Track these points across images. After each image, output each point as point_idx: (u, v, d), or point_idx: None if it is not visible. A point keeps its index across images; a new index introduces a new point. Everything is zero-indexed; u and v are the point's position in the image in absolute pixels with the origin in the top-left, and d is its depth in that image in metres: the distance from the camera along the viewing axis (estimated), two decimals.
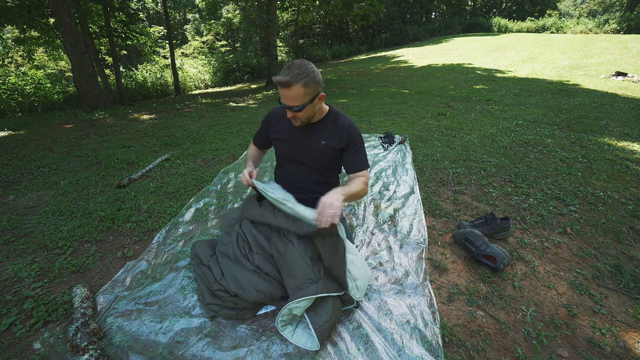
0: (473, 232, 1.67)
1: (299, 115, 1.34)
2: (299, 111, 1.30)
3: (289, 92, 1.25)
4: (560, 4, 36.31)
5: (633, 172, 2.53)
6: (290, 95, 1.25)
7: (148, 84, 12.94)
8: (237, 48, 23.25)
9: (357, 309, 1.32)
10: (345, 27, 22.60)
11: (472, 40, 17.53)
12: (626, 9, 20.02)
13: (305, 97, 1.27)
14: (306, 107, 1.29)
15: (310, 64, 1.28)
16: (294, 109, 1.29)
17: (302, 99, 1.27)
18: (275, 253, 1.34)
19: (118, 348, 1.16)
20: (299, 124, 1.40)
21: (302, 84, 1.23)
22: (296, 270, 1.25)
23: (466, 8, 31.47)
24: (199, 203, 2.20)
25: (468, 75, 8.24)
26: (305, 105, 1.29)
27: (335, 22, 13.74)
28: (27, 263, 1.64)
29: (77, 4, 7.97)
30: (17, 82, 10.20)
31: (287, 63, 1.26)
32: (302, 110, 1.30)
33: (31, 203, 2.29)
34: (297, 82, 1.23)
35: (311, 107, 1.33)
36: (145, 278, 1.52)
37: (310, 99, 1.29)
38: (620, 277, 1.49)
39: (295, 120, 1.38)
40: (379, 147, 3.27)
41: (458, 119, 4.26)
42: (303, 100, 1.28)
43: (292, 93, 1.25)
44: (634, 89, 5.73)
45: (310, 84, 1.26)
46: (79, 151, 3.42)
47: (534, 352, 1.15)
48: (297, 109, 1.29)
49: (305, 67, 1.25)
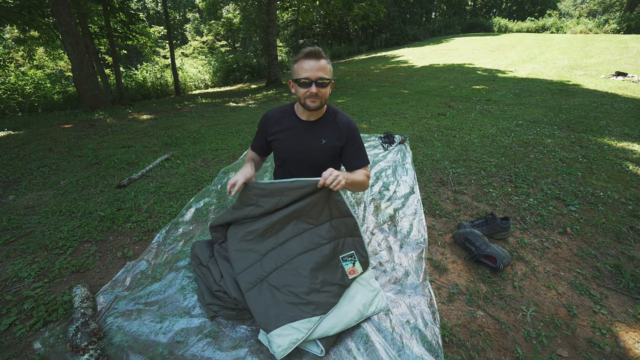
0: (473, 232, 1.67)
1: (323, 93, 1.34)
2: (327, 85, 1.33)
3: (319, 63, 1.29)
4: (560, 4, 36.32)
5: (633, 172, 2.53)
6: (320, 66, 1.29)
7: (148, 84, 12.96)
8: (237, 48, 23.26)
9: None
10: (345, 27, 22.61)
11: (472, 40, 17.53)
12: (626, 9, 20.04)
13: (330, 73, 1.33)
14: (330, 83, 1.35)
15: None
16: (324, 80, 1.31)
17: (329, 74, 1.33)
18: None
19: (118, 348, 1.16)
20: (318, 104, 1.36)
21: (327, 61, 1.32)
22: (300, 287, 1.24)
23: (466, 8, 31.49)
24: (199, 203, 2.20)
25: (468, 75, 8.24)
26: (331, 80, 1.34)
27: (335, 22, 13.75)
28: (27, 263, 1.64)
29: (77, 4, 7.97)
30: (17, 82, 10.20)
31: (289, 59, 1.31)
32: (328, 85, 1.34)
33: (31, 203, 2.29)
34: (324, 57, 1.31)
35: (330, 87, 1.38)
36: (145, 278, 1.52)
37: (330, 80, 1.35)
38: (620, 277, 1.49)
39: (314, 101, 1.34)
40: (379, 147, 3.26)
41: (458, 119, 4.26)
42: (330, 75, 1.33)
43: (322, 64, 1.29)
44: (634, 89, 5.73)
45: (330, 64, 1.34)
46: (79, 151, 3.42)
47: (534, 352, 1.15)
48: (327, 81, 1.32)
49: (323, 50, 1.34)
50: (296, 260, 1.30)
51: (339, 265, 1.34)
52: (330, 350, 1.16)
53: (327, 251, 1.33)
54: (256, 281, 1.26)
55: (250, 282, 1.26)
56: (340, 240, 1.38)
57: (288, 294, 1.21)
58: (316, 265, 1.28)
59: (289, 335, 1.10)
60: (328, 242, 1.35)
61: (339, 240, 1.38)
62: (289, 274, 1.27)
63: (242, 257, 1.33)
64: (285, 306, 1.18)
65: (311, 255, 1.31)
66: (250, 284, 1.25)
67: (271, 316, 1.15)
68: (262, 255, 1.34)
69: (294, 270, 1.27)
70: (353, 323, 1.22)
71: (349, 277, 1.34)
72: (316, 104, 1.35)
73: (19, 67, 13.22)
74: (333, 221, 1.38)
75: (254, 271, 1.29)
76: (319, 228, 1.37)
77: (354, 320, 1.23)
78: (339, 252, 1.36)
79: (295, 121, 1.49)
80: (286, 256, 1.32)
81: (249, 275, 1.28)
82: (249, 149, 1.70)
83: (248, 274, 1.29)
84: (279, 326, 1.13)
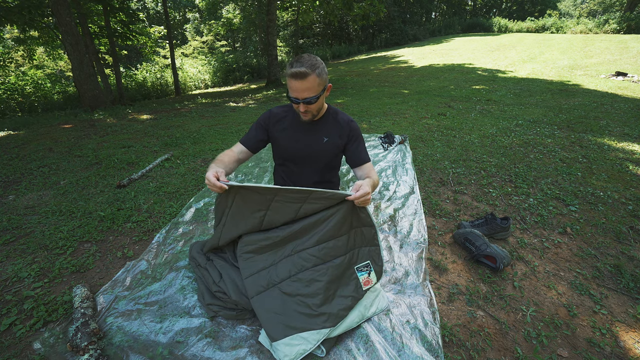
0: (473, 232, 1.67)
1: (312, 108, 1.34)
2: (314, 102, 1.31)
3: (305, 84, 1.26)
4: (560, 4, 36.32)
5: (633, 172, 2.53)
6: (306, 86, 1.26)
7: (148, 84, 12.96)
8: (237, 48, 23.26)
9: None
10: (345, 27, 22.60)
11: (472, 40, 17.53)
12: (626, 9, 20.04)
13: (319, 87, 1.30)
14: (320, 97, 1.32)
15: (317, 56, 1.31)
16: (310, 100, 1.29)
17: (317, 89, 1.29)
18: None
19: (118, 348, 1.16)
20: (309, 117, 1.39)
21: (316, 74, 1.26)
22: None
23: (466, 8, 31.50)
24: (199, 203, 2.20)
25: (468, 75, 8.24)
26: (319, 95, 1.31)
27: (335, 22, 13.75)
28: (27, 263, 1.64)
29: (77, 4, 7.97)
30: (17, 82, 10.20)
31: (289, 60, 1.26)
32: (317, 101, 1.32)
33: (31, 203, 2.29)
34: (313, 73, 1.25)
35: (322, 98, 1.35)
36: (145, 278, 1.52)
37: (323, 89, 1.32)
38: (620, 277, 1.49)
39: (305, 115, 1.37)
40: (379, 147, 3.26)
41: (458, 119, 4.26)
42: (318, 91, 1.30)
43: (309, 84, 1.26)
44: (634, 89, 5.73)
45: (322, 75, 1.29)
46: (79, 151, 3.42)
47: (534, 352, 1.15)
48: (314, 99, 1.30)
49: (315, 58, 1.28)
50: (312, 271, 1.24)
51: (354, 276, 1.28)
52: (330, 350, 1.16)
53: (344, 262, 1.28)
54: (268, 285, 1.23)
55: (262, 286, 1.22)
56: (355, 250, 1.33)
57: (300, 304, 1.18)
58: (332, 278, 1.23)
59: (297, 345, 1.09)
60: (344, 253, 1.30)
61: (354, 250, 1.33)
62: (303, 284, 1.22)
63: (254, 260, 1.29)
64: (296, 315, 1.15)
65: (328, 267, 1.25)
66: (261, 287, 1.22)
67: (280, 324, 1.13)
68: (276, 261, 1.29)
69: (309, 280, 1.22)
70: (354, 324, 1.22)
71: (363, 289, 1.28)
72: (308, 117, 1.39)
73: (19, 67, 13.21)
74: (351, 232, 1.32)
75: (266, 275, 1.25)
76: (338, 240, 1.29)
77: (355, 322, 1.22)
78: (354, 263, 1.31)
79: (296, 121, 1.49)
80: (301, 266, 1.25)
81: (260, 279, 1.24)
82: (235, 146, 1.52)
83: (260, 277, 1.25)
84: (288, 335, 1.10)
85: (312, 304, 1.18)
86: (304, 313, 1.16)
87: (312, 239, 1.28)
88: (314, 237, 1.27)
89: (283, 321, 1.14)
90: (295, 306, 1.18)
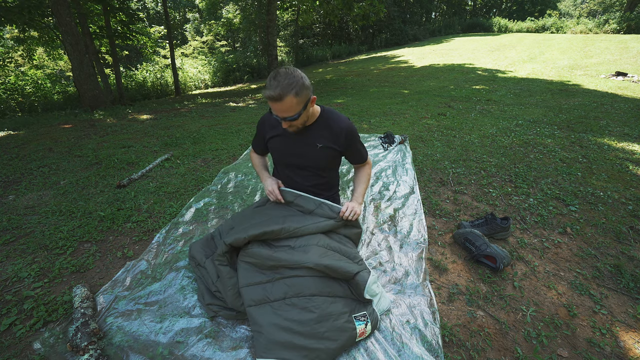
0: (473, 232, 1.67)
1: (295, 123, 1.33)
2: (295, 120, 1.28)
3: (282, 106, 1.21)
4: (560, 4, 36.30)
5: (633, 172, 2.53)
6: (283, 108, 1.22)
7: (148, 84, 12.96)
8: (237, 48, 23.26)
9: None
10: (345, 27, 22.60)
11: (472, 40, 17.53)
12: (626, 9, 20.04)
13: (298, 105, 1.24)
14: (301, 114, 1.28)
15: (296, 70, 1.22)
16: (289, 119, 1.28)
17: (296, 108, 1.24)
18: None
19: (118, 348, 1.16)
20: (295, 130, 1.40)
21: (293, 94, 1.19)
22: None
23: (466, 8, 31.50)
24: (199, 203, 2.20)
25: (468, 75, 8.24)
26: (300, 114, 1.27)
27: (335, 22, 13.72)
28: (27, 263, 1.64)
29: (77, 4, 7.98)
30: (17, 82, 10.20)
31: (272, 72, 1.21)
32: (298, 119, 1.29)
33: (31, 203, 2.29)
34: (289, 94, 1.18)
35: (305, 113, 1.31)
36: (145, 278, 1.52)
37: (304, 106, 1.27)
38: (620, 277, 1.49)
39: (291, 128, 1.37)
40: (379, 147, 3.26)
41: (458, 119, 4.26)
42: (297, 110, 1.25)
43: (285, 106, 1.21)
44: (634, 89, 5.73)
45: (301, 92, 1.21)
46: (79, 151, 3.42)
47: (534, 352, 1.15)
48: (294, 118, 1.27)
49: (292, 75, 1.19)
50: (307, 299, 1.19)
51: (351, 324, 1.17)
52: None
53: (341, 304, 1.22)
54: (260, 301, 1.20)
55: (254, 300, 1.20)
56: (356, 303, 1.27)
57: (286, 331, 1.11)
58: (326, 313, 1.16)
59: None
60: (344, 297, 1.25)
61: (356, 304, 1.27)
62: (296, 309, 1.17)
63: (251, 271, 1.27)
64: (280, 340, 1.09)
65: (325, 300, 1.20)
66: (253, 302, 1.19)
67: (263, 343, 1.09)
68: (272, 278, 1.26)
69: (303, 307, 1.17)
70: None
71: (356, 340, 1.16)
72: (293, 130, 1.39)
73: (19, 67, 13.21)
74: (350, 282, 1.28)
75: (261, 291, 1.22)
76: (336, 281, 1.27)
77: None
78: (352, 311, 1.23)
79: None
80: (297, 291, 1.21)
81: (254, 293, 1.21)
82: (251, 151, 1.78)
83: (254, 290, 1.22)
84: (268, 358, 1.06)
85: (301, 331, 1.11)
86: (286, 341, 1.09)
87: (313, 271, 1.25)
88: (316, 271, 1.25)
89: (267, 340, 1.09)
90: (281, 331, 1.11)
